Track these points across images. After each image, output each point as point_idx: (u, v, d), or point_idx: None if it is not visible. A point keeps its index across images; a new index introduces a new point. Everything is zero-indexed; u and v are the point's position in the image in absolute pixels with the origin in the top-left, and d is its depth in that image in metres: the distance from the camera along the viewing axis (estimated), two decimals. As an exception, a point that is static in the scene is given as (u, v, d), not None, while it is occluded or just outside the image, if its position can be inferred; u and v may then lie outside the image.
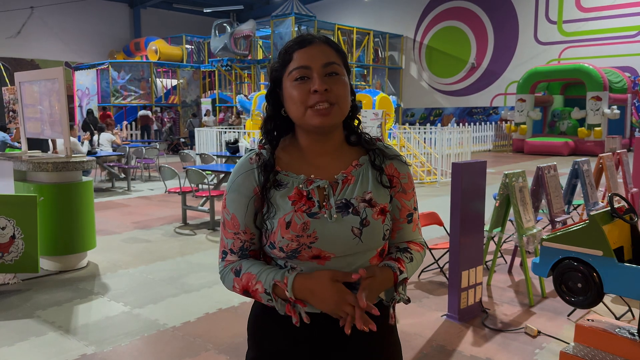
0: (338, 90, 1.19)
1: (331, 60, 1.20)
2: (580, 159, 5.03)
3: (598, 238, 2.88)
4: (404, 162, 1.32)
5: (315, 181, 1.21)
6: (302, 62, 1.19)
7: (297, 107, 1.19)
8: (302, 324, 1.17)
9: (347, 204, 1.20)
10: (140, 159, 11.22)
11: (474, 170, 3.58)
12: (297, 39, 1.24)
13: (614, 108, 15.47)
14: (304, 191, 1.20)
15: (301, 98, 1.18)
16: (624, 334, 2.42)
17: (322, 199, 1.20)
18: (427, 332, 3.39)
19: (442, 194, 8.64)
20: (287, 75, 1.21)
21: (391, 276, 1.22)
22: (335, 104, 1.19)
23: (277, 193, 1.21)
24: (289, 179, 1.22)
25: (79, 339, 3.34)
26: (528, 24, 20.43)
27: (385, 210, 1.24)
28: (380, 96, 12.01)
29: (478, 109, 21.96)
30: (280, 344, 1.25)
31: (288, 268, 1.21)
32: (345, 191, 1.22)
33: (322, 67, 1.19)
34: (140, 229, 6.50)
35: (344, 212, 1.19)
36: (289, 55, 1.22)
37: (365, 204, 1.21)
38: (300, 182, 1.21)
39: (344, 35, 20.48)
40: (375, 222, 1.21)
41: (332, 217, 1.18)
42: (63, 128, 4.86)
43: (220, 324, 3.53)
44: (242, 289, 1.23)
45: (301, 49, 1.21)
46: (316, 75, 1.18)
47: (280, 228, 1.18)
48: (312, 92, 1.17)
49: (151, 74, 19.89)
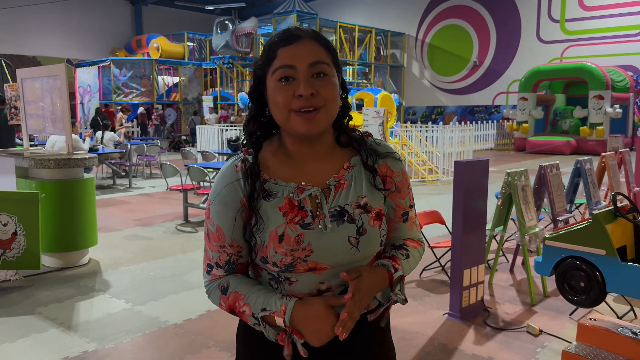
0: (326, 92, 1.09)
1: (319, 59, 1.10)
2: (583, 158, 5.02)
3: (601, 237, 2.87)
4: (398, 159, 1.23)
5: (307, 189, 1.13)
6: (287, 60, 1.09)
7: (280, 111, 1.10)
8: None
9: (341, 211, 1.13)
10: (141, 156, 11.23)
11: (477, 169, 3.57)
12: (283, 34, 1.13)
13: (616, 107, 15.44)
14: (295, 200, 1.12)
15: (285, 101, 1.08)
16: (626, 334, 2.41)
17: (314, 208, 1.12)
18: (428, 331, 3.38)
19: (443, 193, 8.64)
20: (271, 75, 1.11)
21: (386, 275, 1.15)
22: (322, 107, 1.09)
23: (267, 204, 1.12)
24: (279, 187, 1.13)
25: (81, 336, 3.34)
26: (530, 22, 20.39)
27: (380, 214, 1.17)
28: (382, 94, 12.02)
29: (480, 107, 21.93)
30: (269, 354, 1.17)
31: (280, 294, 1.14)
32: (339, 197, 1.14)
33: (308, 66, 1.09)
34: (142, 226, 6.50)
35: (339, 221, 1.12)
36: (273, 53, 1.11)
37: (360, 210, 1.14)
38: (291, 190, 1.13)
39: (345, 33, 20.48)
40: (372, 229, 1.14)
41: (327, 227, 1.11)
42: (65, 125, 4.86)
43: (221, 321, 3.53)
44: (229, 308, 1.16)
45: (286, 47, 1.10)
46: (302, 77, 1.08)
47: (273, 242, 1.10)
48: (296, 96, 1.08)
49: (153, 71, 19.88)
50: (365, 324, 1.21)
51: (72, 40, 23.43)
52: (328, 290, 1.14)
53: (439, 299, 3.95)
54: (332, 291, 1.14)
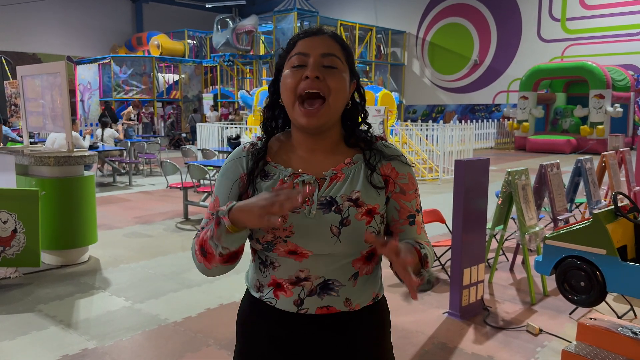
0: (332, 82, 1.15)
1: (332, 52, 1.17)
2: (583, 157, 5.01)
3: (602, 237, 2.86)
4: (406, 163, 1.25)
5: (302, 175, 1.18)
6: (302, 49, 1.17)
7: (288, 94, 1.17)
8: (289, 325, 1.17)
9: (331, 201, 1.15)
10: (141, 153, 11.23)
11: (477, 168, 3.57)
12: (306, 29, 1.22)
13: (616, 106, 15.43)
14: (288, 184, 1.17)
15: (293, 84, 1.15)
16: (626, 333, 2.41)
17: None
18: (428, 330, 3.38)
19: (443, 191, 8.63)
20: (287, 62, 1.19)
21: (414, 250, 1.14)
22: (326, 99, 1.14)
23: (263, 184, 1.19)
24: (277, 170, 1.20)
25: (80, 334, 3.34)
26: (531, 21, 20.37)
27: (373, 211, 1.17)
28: (382, 93, 11.99)
29: (480, 106, 21.91)
30: (259, 340, 1.24)
31: (268, 263, 1.19)
32: (332, 189, 1.17)
33: (320, 56, 1.16)
34: (142, 224, 6.50)
35: (326, 210, 1.14)
36: (293, 44, 1.20)
37: (350, 203, 1.15)
38: (287, 175, 1.18)
39: (346, 31, 20.45)
40: (358, 222, 1.14)
41: (311, 212, 1.14)
42: (65, 122, 4.86)
43: (221, 319, 3.53)
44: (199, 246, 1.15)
45: (304, 39, 1.19)
46: (312, 62, 1.15)
47: None
48: (303, 79, 1.14)
49: (153, 69, 19.86)
50: (364, 322, 1.21)
51: (72, 38, 23.40)
52: (306, 280, 1.17)
53: (439, 297, 3.95)
54: (310, 281, 1.16)
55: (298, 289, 1.18)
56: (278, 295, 1.20)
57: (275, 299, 1.20)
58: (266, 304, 1.21)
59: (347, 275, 1.18)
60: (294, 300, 1.18)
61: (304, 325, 1.19)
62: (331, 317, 1.19)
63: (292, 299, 1.18)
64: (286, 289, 1.18)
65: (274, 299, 1.20)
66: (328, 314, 1.18)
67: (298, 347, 1.21)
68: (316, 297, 1.17)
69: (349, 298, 1.19)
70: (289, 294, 1.18)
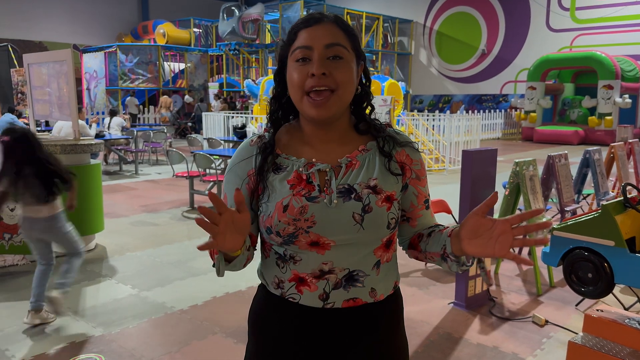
0: (339, 75, 1.11)
1: (335, 42, 1.12)
2: (592, 148, 4.97)
3: (610, 228, 2.84)
4: (416, 149, 1.24)
5: (317, 164, 1.15)
6: (304, 41, 1.12)
7: (295, 91, 1.14)
8: (303, 320, 1.17)
9: (349, 189, 1.13)
10: (147, 142, 11.24)
11: (485, 158, 3.54)
12: (306, 17, 1.17)
13: (625, 97, 15.27)
14: (303, 175, 1.14)
15: (299, 81, 1.12)
16: (633, 325, 2.40)
17: (323, 184, 1.14)
18: (433, 320, 3.38)
19: (450, 182, 8.60)
20: (291, 55, 1.15)
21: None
22: (335, 91, 1.11)
23: (276, 177, 1.16)
24: (289, 162, 1.17)
25: (87, 321, 3.36)
26: (540, 10, 20.13)
27: (392, 198, 1.16)
28: (389, 82, 11.92)
29: (488, 96, 21.75)
30: (280, 338, 1.20)
31: (287, 257, 1.16)
32: (349, 176, 1.15)
33: (324, 48, 1.11)
34: (148, 213, 6.52)
35: (346, 198, 1.12)
36: (294, 34, 1.15)
37: (369, 190, 1.14)
38: (301, 165, 1.15)
39: (353, 20, 20.28)
40: (379, 209, 1.13)
41: (332, 202, 1.12)
42: (71, 111, 4.86)
43: (227, 307, 3.55)
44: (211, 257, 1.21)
45: (307, 28, 1.14)
46: (316, 57, 1.10)
47: (277, 211, 1.12)
48: (309, 76, 1.10)
49: (159, 58, 19.82)
50: (387, 312, 1.21)
51: (78, 26, 23.36)
52: (331, 272, 1.14)
53: (444, 288, 3.94)
54: (335, 274, 1.14)
55: (323, 283, 1.14)
56: (302, 291, 1.16)
57: (299, 294, 1.16)
58: (288, 301, 1.18)
59: (370, 265, 1.17)
60: (319, 294, 1.15)
61: (330, 320, 1.16)
62: (357, 310, 1.17)
63: (317, 294, 1.15)
64: (310, 283, 1.15)
65: (298, 294, 1.16)
66: (355, 307, 1.16)
67: (324, 343, 1.18)
68: (342, 290, 1.14)
69: (374, 288, 1.17)
70: (314, 289, 1.15)
